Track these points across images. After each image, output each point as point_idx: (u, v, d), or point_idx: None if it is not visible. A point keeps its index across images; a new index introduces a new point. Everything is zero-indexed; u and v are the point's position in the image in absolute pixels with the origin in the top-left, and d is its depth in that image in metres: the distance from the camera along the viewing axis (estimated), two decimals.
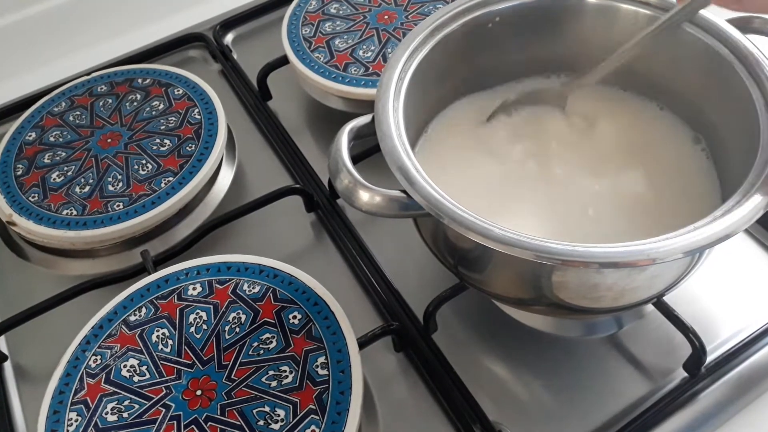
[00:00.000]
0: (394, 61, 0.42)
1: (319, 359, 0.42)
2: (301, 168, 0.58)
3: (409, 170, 0.36)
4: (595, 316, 0.45)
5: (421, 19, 0.57)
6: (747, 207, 0.33)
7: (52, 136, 0.59)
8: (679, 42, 0.43)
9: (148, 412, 0.41)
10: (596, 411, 0.42)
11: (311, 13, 0.64)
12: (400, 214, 0.36)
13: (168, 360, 0.43)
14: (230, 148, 0.61)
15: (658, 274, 0.37)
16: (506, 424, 0.42)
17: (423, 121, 0.47)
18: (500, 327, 0.47)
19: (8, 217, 0.53)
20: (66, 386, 0.42)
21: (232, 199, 0.57)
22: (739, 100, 0.39)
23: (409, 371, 0.45)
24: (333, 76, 0.58)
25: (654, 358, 0.44)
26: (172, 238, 0.54)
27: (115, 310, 0.46)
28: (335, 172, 0.37)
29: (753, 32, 0.41)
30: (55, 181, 0.55)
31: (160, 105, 0.60)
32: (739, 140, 0.39)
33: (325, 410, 0.40)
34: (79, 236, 0.52)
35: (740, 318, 0.45)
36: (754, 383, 0.43)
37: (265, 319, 0.44)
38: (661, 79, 0.46)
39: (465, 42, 0.45)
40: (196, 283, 0.46)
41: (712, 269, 0.46)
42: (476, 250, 0.38)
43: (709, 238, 0.32)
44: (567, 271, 0.35)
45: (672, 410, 0.42)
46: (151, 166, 0.55)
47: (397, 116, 0.39)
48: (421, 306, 0.45)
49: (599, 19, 0.46)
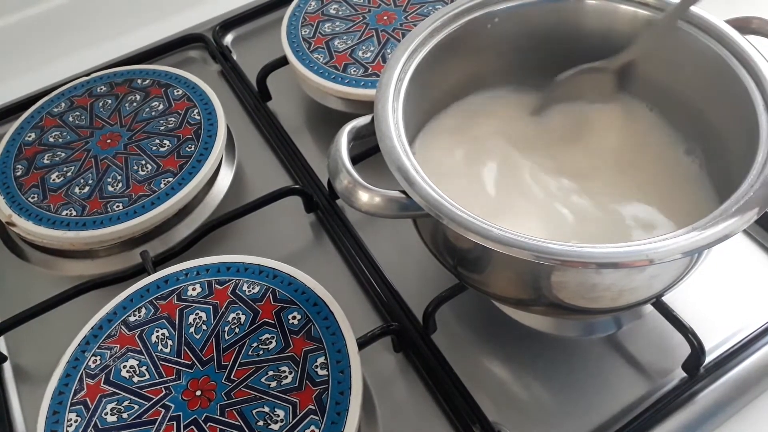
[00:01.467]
0: (394, 62, 0.42)
1: (318, 359, 0.42)
2: (301, 168, 0.58)
3: (408, 171, 0.36)
4: (594, 316, 0.45)
5: (420, 20, 0.58)
6: (746, 207, 0.33)
7: (51, 137, 0.59)
8: (677, 43, 0.43)
9: (148, 413, 0.41)
10: (595, 411, 0.42)
11: (311, 14, 0.64)
12: (400, 215, 0.36)
13: (167, 360, 0.43)
14: (230, 149, 0.61)
15: (657, 275, 0.37)
16: (505, 424, 0.42)
17: (422, 121, 0.47)
18: (499, 327, 0.47)
19: (8, 218, 0.53)
20: (65, 387, 0.42)
21: (231, 200, 0.57)
22: (737, 101, 0.39)
23: (409, 371, 0.46)
24: (332, 76, 0.58)
25: (653, 358, 0.44)
26: (172, 238, 0.54)
27: (115, 310, 0.46)
28: (335, 172, 0.37)
29: (751, 33, 0.41)
30: (55, 181, 0.55)
31: (160, 105, 0.60)
32: (738, 141, 0.39)
33: (325, 410, 0.40)
34: (79, 237, 0.52)
35: (739, 318, 0.46)
36: (752, 383, 0.43)
37: (265, 319, 0.44)
38: (658, 80, 0.46)
39: (464, 43, 0.45)
40: (196, 284, 0.46)
41: (710, 270, 0.46)
42: (475, 251, 0.38)
43: (707, 239, 0.32)
44: (566, 271, 0.35)
45: (671, 410, 0.42)
46: (150, 166, 0.55)
47: (397, 117, 0.39)
48: (421, 306, 0.45)
49: (599, 20, 0.46)
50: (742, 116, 0.39)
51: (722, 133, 0.42)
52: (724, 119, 0.42)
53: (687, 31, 0.42)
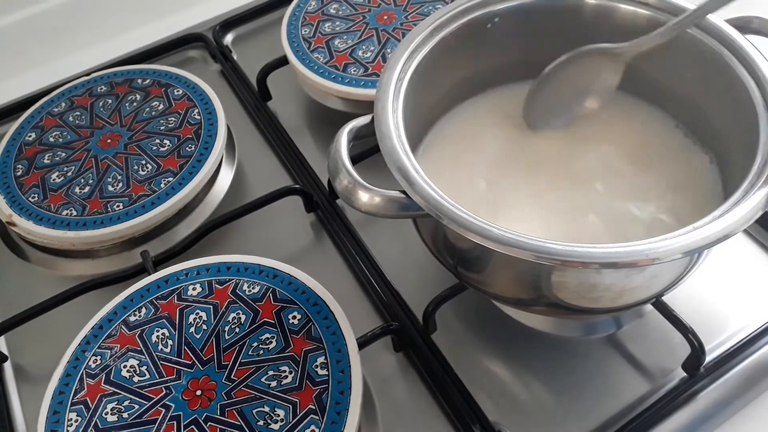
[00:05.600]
0: (394, 62, 0.42)
1: (318, 359, 0.42)
2: (301, 168, 0.58)
3: (408, 171, 0.36)
4: (594, 316, 0.45)
5: (420, 20, 0.58)
6: (746, 207, 0.33)
7: (51, 137, 0.59)
8: (678, 43, 0.43)
9: (148, 413, 0.41)
10: (595, 411, 0.42)
11: (311, 14, 0.64)
12: (400, 215, 0.36)
13: (168, 360, 0.43)
14: (230, 149, 0.61)
15: (657, 275, 0.37)
16: (505, 424, 0.42)
17: (422, 121, 0.47)
18: (499, 327, 0.47)
19: (8, 218, 0.53)
20: (66, 386, 0.42)
21: (231, 200, 0.57)
22: (738, 101, 0.39)
23: (409, 371, 0.46)
24: (332, 76, 0.58)
25: (653, 358, 0.44)
26: (172, 238, 0.54)
27: (115, 310, 0.46)
28: (335, 172, 0.37)
29: (752, 33, 0.41)
30: (55, 181, 0.55)
31: (160, 105, 0.60)
32: (739, 141, 0.39)
33: (325, 410, 0.40)
34: (79, 237, 0.52)
35: (739, 318, 0.46)
36: (753, 383, 0.43)
37: (265, 319, 0.44)
38: (658, 80, 0.46)
39: (464, 43, 0.45)
40: (196, 284, 0.46)
41: (711, 269, 0.46)
42: (475, 251, 0.38)
43: (708, 239, 0.32)
44: (566, 271, 0.35)
45: (671, 410, 0.42)
46: (150, 166, 0.55)
47: (397, 117, 0.39)
48: (421, 306, 0.45)
49: (599, 20, 0.46)
50: (742, 116, 0.39)
51: (722, 133, 0.42)
52: (724, 119, 0.42)
53: (688, 31, 0.42)
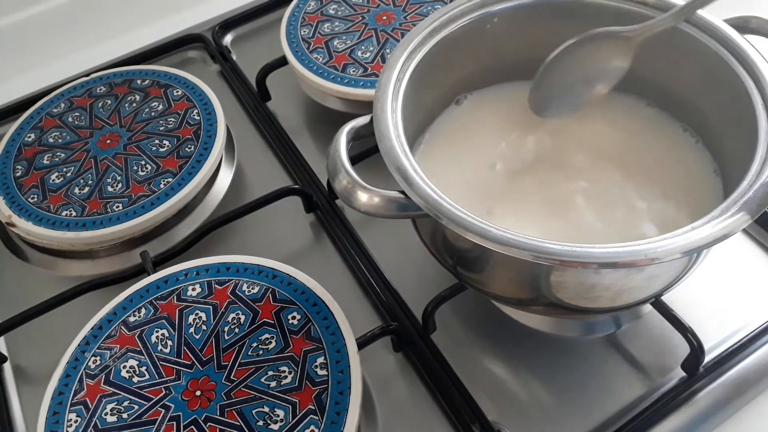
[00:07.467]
0: (393, 62, 0.42)
1: (318, 359, 0.42)
2: (300, 168, 0.58)
3: (407, 171, 0.36)
4: (593, 315, 0.45)
5: (419, 20, 0.58)
6: (745, 207, 0.33)
7: (51, 137, 0.59)
8: (677, 42, 0.43)
9: (148, 413, 0.41)
10: (595, 410, 0.42)
11: (310, 14, 0.64)
12: (399, 215, 0.36)
13: (167, 361, 0.43)
14: (229, 149, 0.61)
15: (656, 274, 0.37)
16: (505, 424, 0.42)
17: (422, 121, 0.47)
18: (499, 327, 0.47)
19: (8, 218, 0.53)
20: (65, 387, 0.42)
21: (231, 200, 0.57)
22: (737, 100, 0.39)
23: (408, 371, 0.46)
24: (332, 76, 0.58)
25: (652, 358, 0.44)
26: (172, 238, 0.54)
27: (115, 310, 0.46)
28: (334, 172, 0.37)
29: (750, 32, 0.41)
30: (55, 182, 0.55)
31: (159, 106, 0.60)
32: (738, 140, 0.39)
33: (325, 410, 0.40)
34: (79, 237, 0.52)
35: (738, 318, 0.46)
36: (752, 383, 0.43)
37: (265, 319, 0.44)
38: (658, 79, 0.46)
39: (463, 43, 0.45)
40: (196, 284, 0.46)
41: (710, 269, 0.46)
42: (474, 251, 0.38)
43: (707, 238, 0.32)
44: (565, 271, 0.35)
45: (670, 410, 0.42)
46: (150, 167, 0.55)
47: (396, 117, 0.39)
48: (420, 306, 0.45)
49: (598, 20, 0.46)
50: (740, 115, 0.39)
51: (721, 132, 0.42)
52: (723, 118, 0.42)
53: (686, 31, 0.42)
